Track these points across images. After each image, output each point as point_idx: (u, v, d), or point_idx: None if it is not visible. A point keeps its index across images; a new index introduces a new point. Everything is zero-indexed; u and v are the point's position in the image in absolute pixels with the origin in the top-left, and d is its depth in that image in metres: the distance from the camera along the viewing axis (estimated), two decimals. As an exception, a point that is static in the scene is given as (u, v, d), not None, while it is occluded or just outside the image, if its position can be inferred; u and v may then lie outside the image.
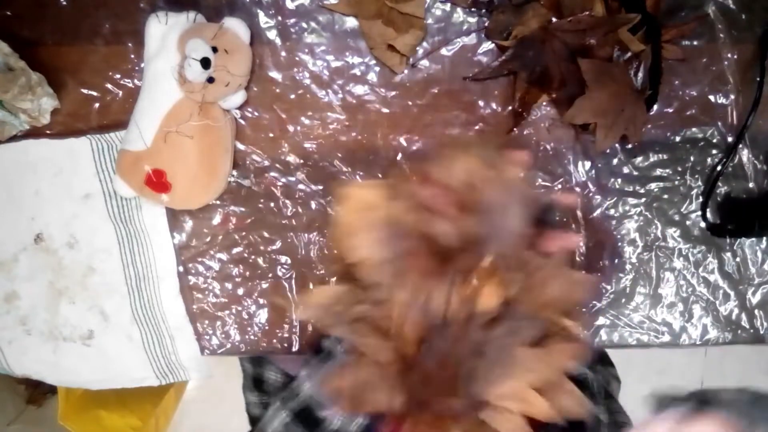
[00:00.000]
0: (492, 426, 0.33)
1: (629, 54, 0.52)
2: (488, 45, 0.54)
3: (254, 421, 0.73)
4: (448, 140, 0.54)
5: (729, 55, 0.55)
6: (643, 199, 0.56)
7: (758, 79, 0.54)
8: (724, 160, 0.55)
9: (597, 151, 0.55)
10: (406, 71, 0.55)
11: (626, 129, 0.52)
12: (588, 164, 0.56)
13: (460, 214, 0.33)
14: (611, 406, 0.54)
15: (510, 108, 0.55)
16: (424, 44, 0.54)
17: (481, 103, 0.55)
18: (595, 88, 0.50)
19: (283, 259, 0.57)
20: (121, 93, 0.55)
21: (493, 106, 0.55)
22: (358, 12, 0.53)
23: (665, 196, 0.57)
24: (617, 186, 0.56)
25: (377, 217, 0.34)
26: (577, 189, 0.56)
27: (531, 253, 0.34)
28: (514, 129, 0.55)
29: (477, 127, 0.55)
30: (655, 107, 0.54)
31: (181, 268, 0.58)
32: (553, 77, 0.52)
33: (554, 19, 0.51)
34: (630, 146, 0.56)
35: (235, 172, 0.56)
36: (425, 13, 0.53)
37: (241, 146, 0.56)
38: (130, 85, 0.55)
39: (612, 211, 0.57)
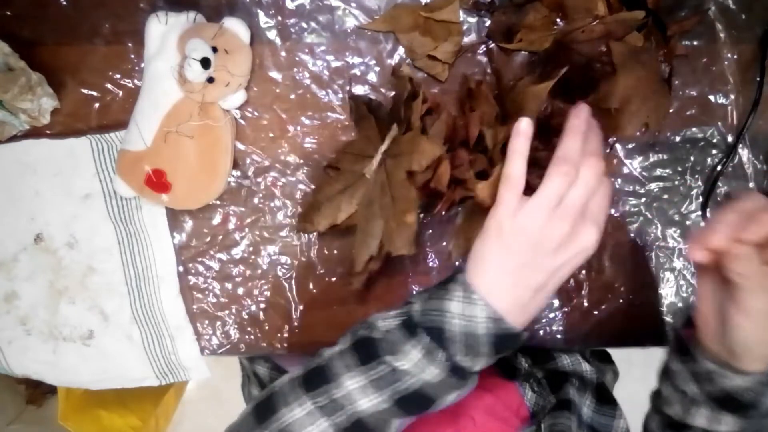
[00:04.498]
0: None
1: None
2: (489, 45, 0.54)
3: None
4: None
5: (729, 55, 0.55)
6: (643, 199, 0.56)
7: (758, 79, 0.54)
8: (724, 160, 0.55)
9: (617, 139, 0.54)
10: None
11: (648, 117, 0.52)
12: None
13: None
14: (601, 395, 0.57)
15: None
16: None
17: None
18: (623, 73, 0.50)
19: (283, 259, 0.57)
20: (121, 93, 0.55)
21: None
22: (395, 27, 0.53)
23: (665, 196, 0.57)
24: (617, 186, 0.56)
25: None
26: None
27: None
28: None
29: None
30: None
31: (181, 268, 0.58)
32: (575, 89, 0.52)
33: (558, 20, 0.51)
34: (631, 146, 0.56)
35: (235, 172, 0.56)
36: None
37: (241, 146, 0.56)
38: (130, 85, 0.55)
39: (612, 211, 0.57)
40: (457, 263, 0.57)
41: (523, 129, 0.40)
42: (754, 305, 0.39)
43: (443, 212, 0.51)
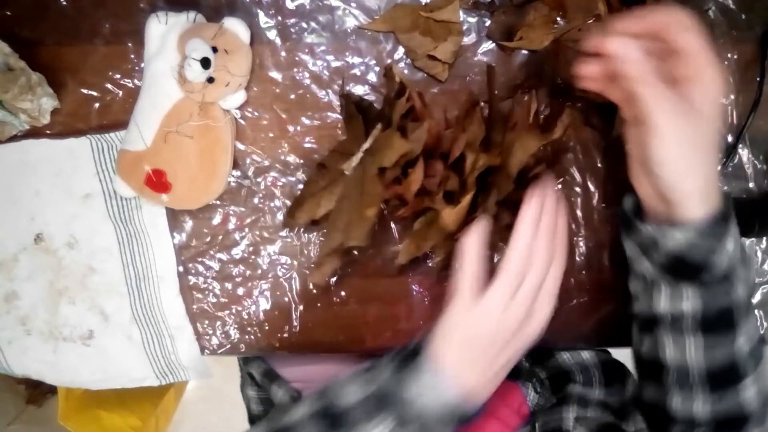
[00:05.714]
0: None
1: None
2: (489, 45, 0.54)
3: (253, 419, 0.73)
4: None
5: (729, 55, 0.55)
6: (643, 199, 0.56)
7: (758, 79, 0.54)
8: (724, 160, 0.55)
9: (612, 135, 0.54)
10: (406, 71, 0.55)
11: None
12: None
13: None
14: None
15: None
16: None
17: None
18: None
19: (283, 259, 0.57)
20: (121, 93, 0.55)
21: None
22: (395, 27, 0.53)
23: (665, 196, 0.57)
24: (617, 186, 0.56)
25: None
26: (577, 189, 0.56)
27: None
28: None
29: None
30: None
31: (181, 268, 0.58)
32: (573, 88, 0.52)
33: (558, 19, 0.51)
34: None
35: (235, 172, 0.56)
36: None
37: (241, 146, 0.56)
38: (130, 85, 0.55)
39: (612, 211, 0.57)
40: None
41: (476, 231, 0.42)
42: (662, 128, 0.37)
43: (405, 216, 0.51)
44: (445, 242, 0.50)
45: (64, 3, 0.54)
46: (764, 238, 0.56)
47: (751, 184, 0.56)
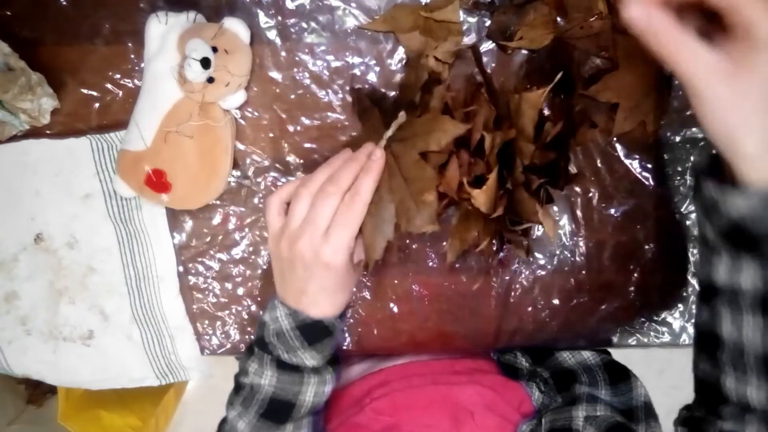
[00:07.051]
0: None
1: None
2: (489, 45, 0.54)
3: None
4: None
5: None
6: (643, 200, 0.56)
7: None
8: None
9: (613, 133, 0.54)
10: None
11: (646, 116, 0.52)
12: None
13: None
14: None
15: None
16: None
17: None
18: (625, 66, 0.50)
19: (283, 259, 0.57)
20: (121, 93, 0.55)
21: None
22: (395, 27, 0.53)
23: (665, 196, 0.57)
24: (617, 186, 0.56)
25: None
26: (577, 189, 0.56)
27: None
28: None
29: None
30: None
31: (181, 268, 0.58)
32: (577, 85, 0.52)
33: (559, 19, 0.51)
34: (631, 145, 0.56)
35: (235, 172, 0.56)
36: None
37: (241, 146, 0.56)
38: (130, 85, 0.55)
39: (612, 211, 0.57)
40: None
41: (277, 193, 0.49)
42: (698, 88, 0.34)
43: (441, 211, 0.51)
44: (486, 227, 0.50)
45: (64, 3, 0.54)
46: None
47: None
